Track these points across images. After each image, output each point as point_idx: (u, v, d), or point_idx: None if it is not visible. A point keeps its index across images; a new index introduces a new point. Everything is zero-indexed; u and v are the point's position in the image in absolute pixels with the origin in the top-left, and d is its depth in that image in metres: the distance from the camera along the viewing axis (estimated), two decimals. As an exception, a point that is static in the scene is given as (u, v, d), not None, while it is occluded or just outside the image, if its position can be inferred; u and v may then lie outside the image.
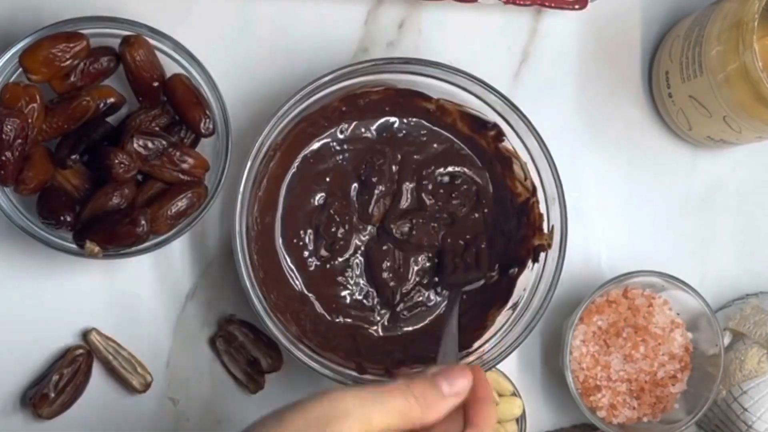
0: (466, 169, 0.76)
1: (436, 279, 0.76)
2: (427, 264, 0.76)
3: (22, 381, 0.74)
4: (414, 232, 0.75)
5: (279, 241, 0.74)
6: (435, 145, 0.76)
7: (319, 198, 0.75)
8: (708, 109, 0.73)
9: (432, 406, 0.55)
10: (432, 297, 0.76)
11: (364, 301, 0.76)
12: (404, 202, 0.76)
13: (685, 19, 0.76)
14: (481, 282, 0.76)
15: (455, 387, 0.57)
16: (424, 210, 0.76)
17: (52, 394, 0.72)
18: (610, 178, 0.80)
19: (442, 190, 0.76)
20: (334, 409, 0.52)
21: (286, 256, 0.74)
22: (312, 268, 0.75)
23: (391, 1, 0.77)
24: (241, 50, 0.76)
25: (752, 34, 0.66)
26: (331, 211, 0.74)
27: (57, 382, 0.72)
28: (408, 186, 0.76)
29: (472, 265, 0.76)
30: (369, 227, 0.76)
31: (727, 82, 0.69)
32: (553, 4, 0.76)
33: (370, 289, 0.76)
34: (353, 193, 0.75)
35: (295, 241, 0.74)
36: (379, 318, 0.76)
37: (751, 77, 0.66)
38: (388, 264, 0.75)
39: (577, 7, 0.77)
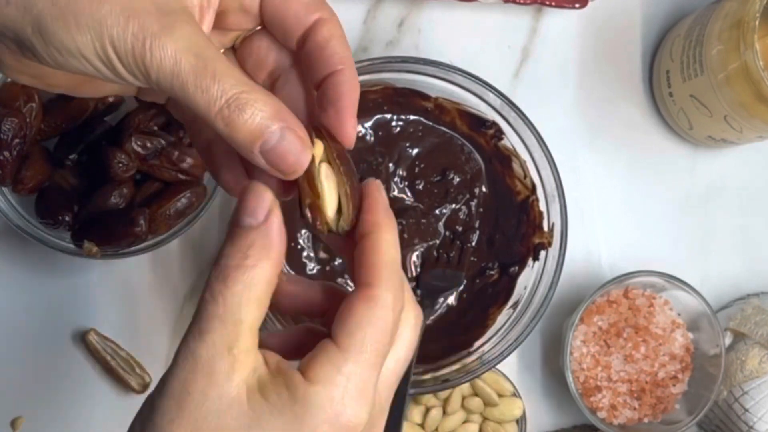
0: (463, 166, 0.76)
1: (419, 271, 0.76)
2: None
3: (20, 381, 0.74)
4: (405, 235, 0.75)
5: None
6: (432, 140, 0.76)
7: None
8: (709, 108, 0.73)
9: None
10: None
11: None
12: (397, 201, 0.76)
13: (686, 18, 0.76)
14: (453, 291, 0.76)
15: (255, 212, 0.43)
16: (417, 208, 0.76)
17: None
18: (611, 177, 0.80)
19: (437, 189, 0.76)
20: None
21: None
22: (314, 272, 0.75)
23: (391, 0, 0.77)
24: (240, 49, 0.75)
25: (753, 33, 0.65)
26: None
27: None
28: (402, 183, 0.76)
29: (453, 262, 0.76)
30: None
31: (728, 82, 0.69)
32: (553, 3, 0.76)
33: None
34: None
35: (292, 244, 0.74)
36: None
37: (752, 76, 0.66)
38: (387, 265, 0.75)
39: (577, 6, 0.76)
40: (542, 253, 0.73)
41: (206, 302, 0.41)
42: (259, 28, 0.47)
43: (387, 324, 0.42)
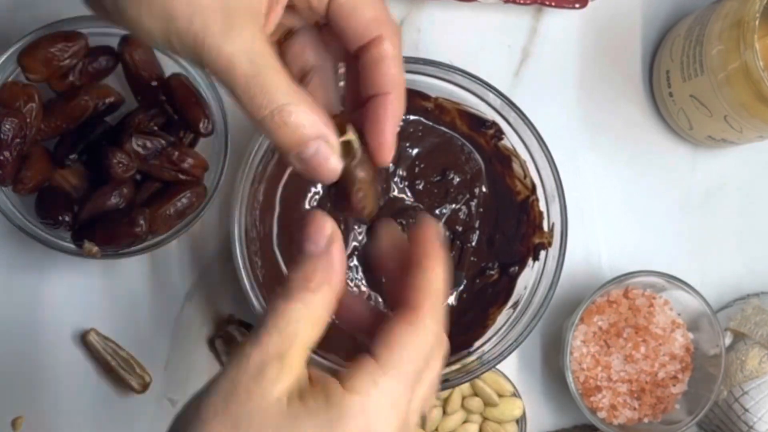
0: (463, 166, 0.76)
1: None
2: None
3: (20, 381, 0.74)
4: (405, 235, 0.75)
5: (276, 242, 0.74)
6: (432, 140, 0.76)
7: (312, 199, 0.75)
8: (709, 108, 0.73)
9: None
10: None
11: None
12: (397, 201, 0.76)
13: (686, 18, 0.76)
14: (453, 291, 0.76)
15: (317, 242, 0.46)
16: (417, 208, 0.76)
17: None
18: (611, 177, 0.80)
19: (437, 189, 0.76)
20: None
21: (285, 258, 0.74)
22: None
23: (391, 0, 0.77)
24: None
25: (753, 33, 0.65)
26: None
27: None
28: (402, 183, 0.76)
29: (453, 262, 0.76)
30: (363, 226, 0.76)
31: (728, 82, 0.69)
32: (553, 3, 0.76)
33: (372, 292, 0.76)
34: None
35: (292, 244, 0.74)
36: (381, 318, 0.76)
37: (752, 76, 0.66)
38: (387, 266, 0.75)
39: (577, 5, 0.76)
40: (542, 253, 0.73)
41: (267, 316, 0.44)
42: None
43: (426, 348, 0.45)
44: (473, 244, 0.76)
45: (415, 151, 0.76)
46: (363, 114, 0.49)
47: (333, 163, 0.46)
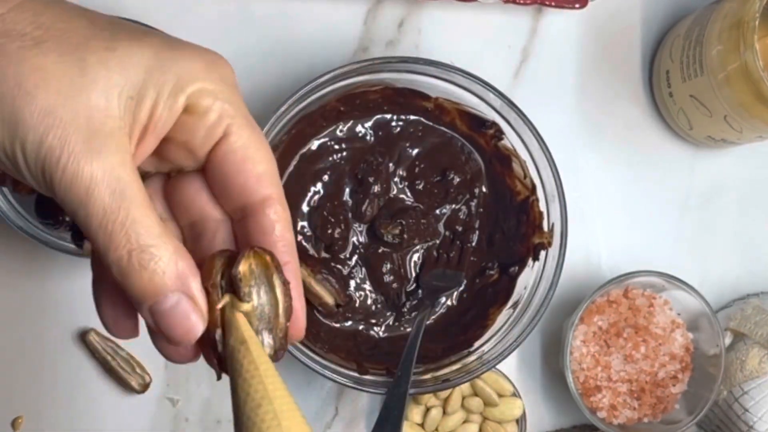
0: (463, 166, 0.76)
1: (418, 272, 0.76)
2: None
3: (20, 381, 0.74)
4: (405, 235, 0.75)
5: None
6: (432, 140, 0.76)
7: (312, 199, 0.75)
8: (709, 108, 0.73)
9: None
10: None
11: (373, 306, 0.75)
12: (397, 201, 0.76)
13: (686, 18, 0.76)
14: (453, 291, 0.76)
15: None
16: (417, 208, 0.76)
17: None
18: (611, 177, 0.80)
19: (437, 189, 0.76)
20: None
21: None
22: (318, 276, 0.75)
23: (391, 1, 0.77)
24: (240, 49, 0.75)
25: (753, 34, 0.65)
26: (325, 213, 0.74)
27: None
28: (402, 183, 0.76)
29: (453, 262, 0.76)
30: (363, 225, 0.76)
31: (727, 82, 0.69)
32: (553, 3, 0.76)
33: (377, 295, 0.76)
34: (348, 192, 0.75)
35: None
36: (383, 320, 0.76)
37: (752, 77, 0.66)
38: (388, 267, 0.75)
39: (577, 6, 0.76)
40: (542, 253, 0.73)
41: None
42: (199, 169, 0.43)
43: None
44: (473, 244, 0.76)
45: (415, 151, 0.76)
46: None
47: (189, 327, 0.39)
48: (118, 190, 0.37)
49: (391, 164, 0.75)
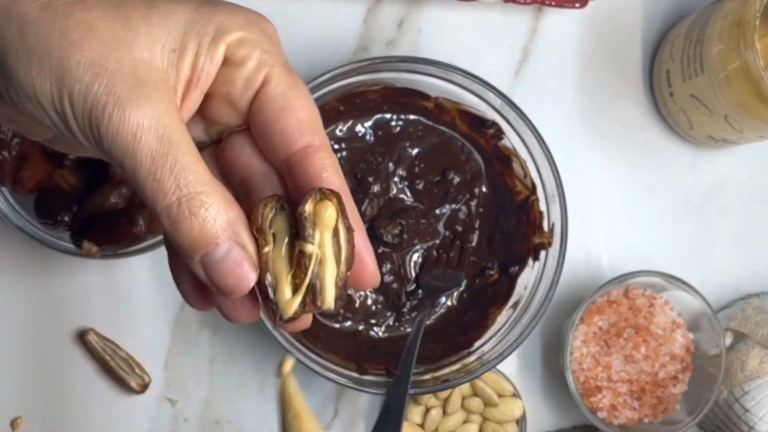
0: (463, 166, 0.76)
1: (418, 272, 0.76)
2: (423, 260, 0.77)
3: (20, 381, 0.74)
4: (405, 235, 0.75)
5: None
6: (432, 140, 0.76)
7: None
8: (709, 108, 0.73)
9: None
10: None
11: (372, 307, 0.75)
12: (396, 201, 0.76)
13: (686, 18, 0.76)
14: (453, 291, 0.76)
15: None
16: (417, 208, 0.76)
17: None
18: (611, 177, 0.80)
19: (437, 189, 0.76)
20: None
21: None
22: None
23: (391, 0, 0.77)
24: (239, 49, 0.75)
25: (754, 33, 0.65)
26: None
27: None
28: (402, 183, 0.76)
29: (453, 262, 0.76)
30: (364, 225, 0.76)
31: (728, 82, 0.69)
32: (553, 3, 0.76)
33: (377, 295, 0.75)
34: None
35: None
36: (383, 320, 0.75)
37: (752, 76, 0.66)
38: (388, 267, 0.75)
39: (577, 5, 0.76)
40: (542, 253, 0.73)
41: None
42: (245, 127, 0.42)
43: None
44: (473, 244, 0.76)
45: (415, 151, 0.76)
46: None
47: (240, 275, 0.38)
48: (166, 136, 0.37)
49: (390, 164, 0.75)
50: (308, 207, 0.38)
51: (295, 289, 0.38)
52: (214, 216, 0.37)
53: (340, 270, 0.38)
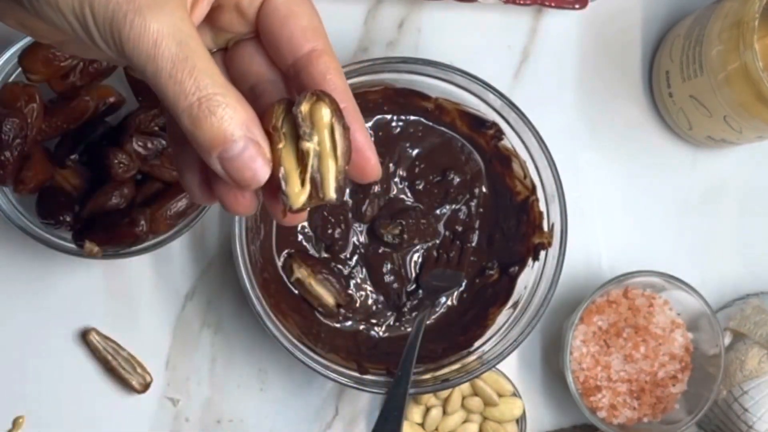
0: (463, 166, 0.76)
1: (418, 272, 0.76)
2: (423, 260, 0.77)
3: (21, 381, 0.74)
4: (405, 236, 0.75)
5: (275, 242, 0.74)
6: (432, 140, 0.76)
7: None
8: (708, 108, 0.73)
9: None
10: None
11: (373, 306, 0.76)
12: (397, 201, 0.76)
13: (686, 19, 0.76)
14: (453, 291, 0.76)
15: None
16: (417, 208, 0.76)
17: None
18: (611, 177, 0.80)
19: (437, 189, 0.76)
20: None
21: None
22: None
23: (391, 1, 0.77)
24: (240, 50, 0.75)
25: (753, 34, 0.66)
26: (325, 213, 0.74)
27: None
28: (402, 183, 0.76)
29: (453, 262, 0.76)
30: (364, 225, 0.76)
31: (727, 82, 0.69)
32: (553, 4, 0.76)
33: (378, 295, 0.76)
34: (348, 192, 0.75)
35: (291, 238, 0.74)
36: (384, 320, 0.76)
37: (751, 77, 0.66)
38: (388, 267, 0.75)
39: (577, 6, 0.76)
40: (542, 253, 0.73)
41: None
42: (253, 35, 0.45)
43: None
44: (473, 244, 0.76)
45: (415, 151, 0.76)
46: None
47: (256, 169, 0.40)
48: (183, 41, 0.39)
49: (391, 164, 0.76)
50: (303, 108, 0.40)
51: (302, 184, 0.41)
52: (231, 115, 0.40)
53: (338, 164, 0.41)
